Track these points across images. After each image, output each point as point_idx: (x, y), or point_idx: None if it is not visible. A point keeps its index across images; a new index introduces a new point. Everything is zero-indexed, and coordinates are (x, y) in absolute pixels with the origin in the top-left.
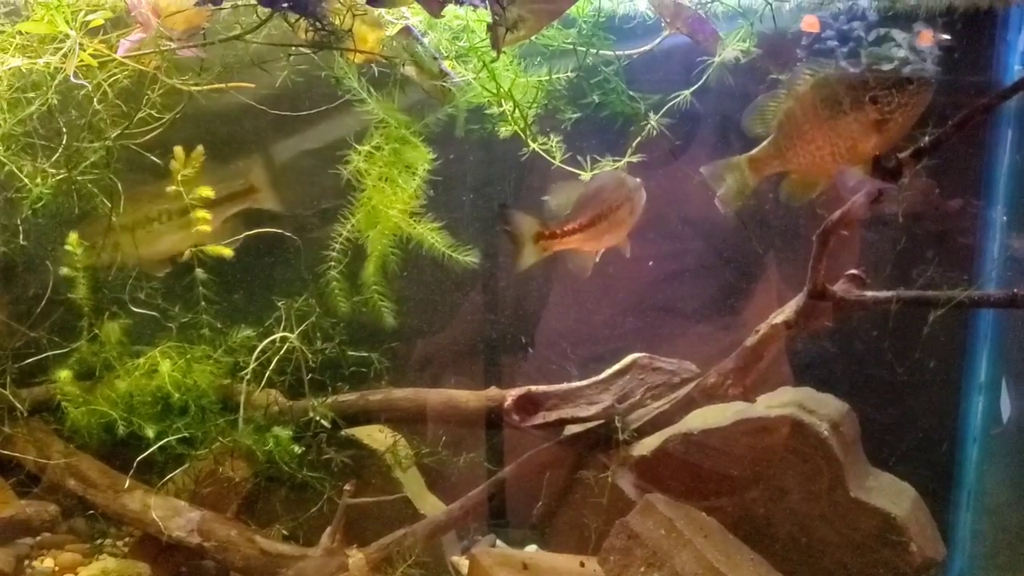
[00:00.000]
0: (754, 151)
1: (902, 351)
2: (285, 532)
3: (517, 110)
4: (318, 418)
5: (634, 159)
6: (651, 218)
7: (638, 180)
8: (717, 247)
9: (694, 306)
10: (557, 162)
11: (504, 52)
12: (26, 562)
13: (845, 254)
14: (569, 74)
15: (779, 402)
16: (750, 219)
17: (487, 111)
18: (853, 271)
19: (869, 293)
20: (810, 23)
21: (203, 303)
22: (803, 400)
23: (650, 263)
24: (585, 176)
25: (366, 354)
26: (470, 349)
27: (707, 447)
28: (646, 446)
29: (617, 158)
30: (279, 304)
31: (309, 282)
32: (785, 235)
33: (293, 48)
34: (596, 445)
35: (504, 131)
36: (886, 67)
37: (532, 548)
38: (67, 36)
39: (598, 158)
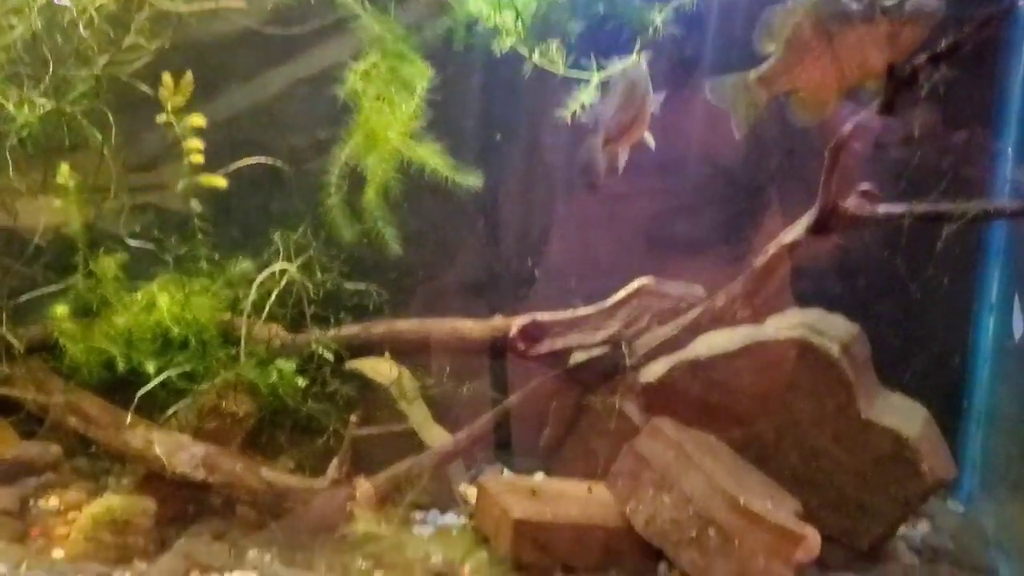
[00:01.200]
0: (762, 67)
1: (913, 270)
2: (291, 465)
3: (518, 19)
4: (321, 350)
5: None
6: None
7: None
8: (724, 175)
9: (700, 236)
10: (562, 71)
11: None
12: (31, 502)
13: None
14: None
15: (788, 324)
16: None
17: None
18: (865, 186)
19: (881, 208)
20: None
21: (200, 235)
22: (813, 322)
23: (654, 193)
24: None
25: (366, 287)
26: (473, 281)
27: (715, 372)
28: (653, 373)
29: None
30: (276, 237)
31: (306, 214)
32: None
33: None
34: (603, 372)
35: (504, 44)
36: None
37: (539, 476)
38: None
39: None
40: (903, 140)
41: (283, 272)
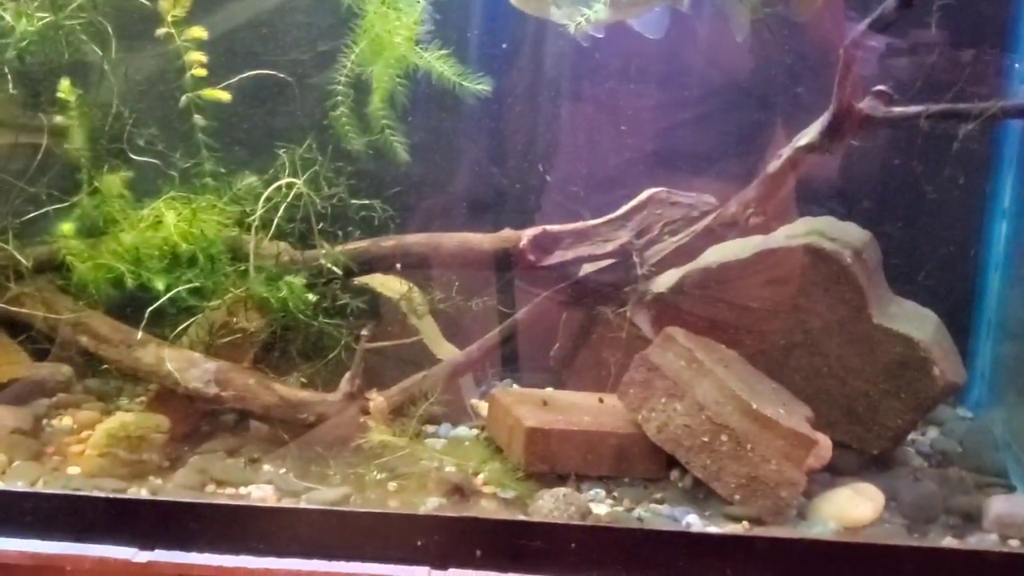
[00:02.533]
0: None
1: (924, 176)
2: (303, 380)
3: None
4: (329, 265)
5: None
6: (664, 60)
7: None
8: (733, 87)
9: (709, 149)
10: None
11: None
12: (44, 421)
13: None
14: None
15: (800, 231)
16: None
17: None
18: (880, 87)
19: (897, 109)
20: None
21: (204, 151)
22: (824, 228)
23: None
24: None
25: (370, 201)
26: (480, 195)
27: (726, 281)
28: (663, 283)
29: None
30: (282, 152)
31: (311, 129)
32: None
33: None
34: (614, 283)
35: None
36: None
37: (549, 391)
38: None
39: None
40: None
41: (290, 186)
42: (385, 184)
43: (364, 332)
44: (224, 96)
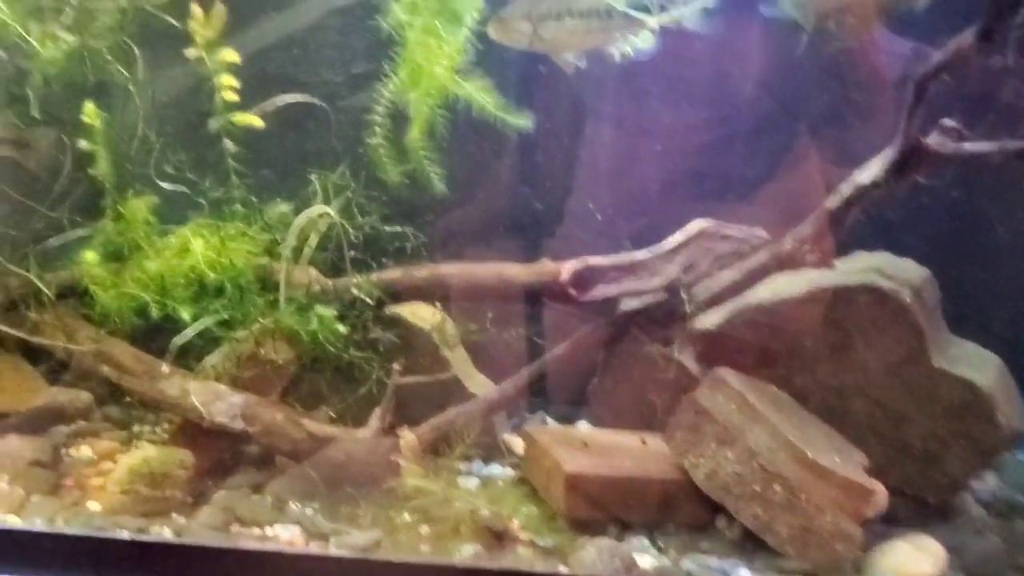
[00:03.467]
0: None
1: (989, 213)
2: (332, 414)
3: None
4: (362, 295)
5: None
6: (706, 81)
7: None
8: (773, 110)
9: (749, 173)
10: (620, 6)
11: None
12: (63, 450)
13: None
14: None
15: (856, 268)
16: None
17: None
18: (947, 121)
19: (968, 145)
20: None
21: (234, 177)
22: (882, 265)
23: (701, 130)
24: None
25: (404, 229)
26: (514, 221)
27: (778, 318)
28: (711, 319)
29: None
30: (313, 177)
31: (344, 153)
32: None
33: None
34: (659, 319)
35: None
36: None
37: (583, 424)
38: None
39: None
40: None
41: (322, 215)
42: (419, 209)
43: (395, 367)
44: (256, 121)
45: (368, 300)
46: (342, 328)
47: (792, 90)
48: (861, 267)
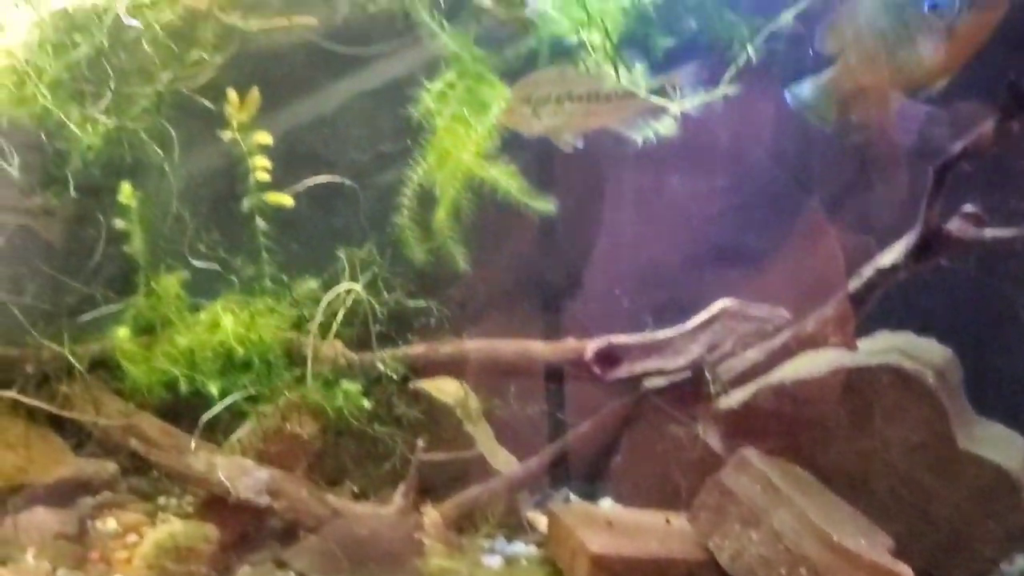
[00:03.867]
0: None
1: (1007, 296)
2: (356, 489)
3: (607, 40)
4: (388, 371)
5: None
6: (724, 153)
7: None
8: (794, 183)
9: (769, 245)
10: (643, 94)
11: None
12: (88, 523)
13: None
14: None
15: (879, 348)
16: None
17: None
18: (969, 208)
19: (988, 231)
20: None
21: (265, 254)
22: (904, 346)
23: (722, 201)
24: (674, 108)
25: (428, 303)
26: (537, 296)
27: (801, 398)
28: (734, 398)
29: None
30: (341, 254)
31: (370, 230)
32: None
33: None
34: (682, 398)
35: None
36: None
37: (607, 502)
38: None
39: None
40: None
41: (349, 291)
42: (443, 284)
43: (419, 443)
44: (287, 201)
45: (393, 375)
46: (367, 403)
47: (814, 168)
48: (883, 347)
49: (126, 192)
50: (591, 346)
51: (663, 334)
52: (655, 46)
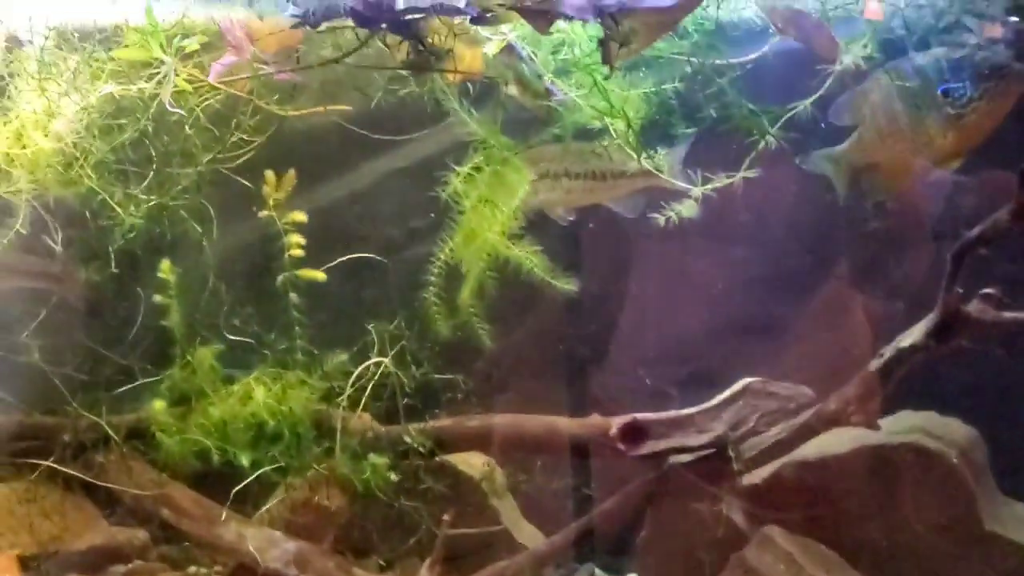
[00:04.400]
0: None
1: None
2: (382, 562)
3: (629, 128)
4: (415, 445)
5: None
6: (750, 228)
7: None
8: (821, 259)
9: (793, 321)
10: (664, 177)
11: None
12: None
13: None
14: (677, 85)
15: (901, 427)
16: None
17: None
18: (988, 290)
19: (1008, 314)
20: (873, 10)
21: (297, 328)
22: (927, 425)
23: (746, 277)
24: (696, 192)
25: (455, 377)
26: (561, 370)
27: (824, 475)
28: (758, 474)
29: (731, 173)
30: (371, 327)
31: (399, 304)
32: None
33: (391, 70)
34: (705, 474)
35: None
36: (958, 55)
37: None
38: (160, 61)
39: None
40: None
41: (378, 364)
42: (470, 359)
43: (445, 517)
44: (320, 276)
45: (420, 449)
46: (394, 476)
47: (837, 245)
48: (906, 427)
49: (165, 268)
50: (616, 422)
51: (687, 411)
52: (676, 132)
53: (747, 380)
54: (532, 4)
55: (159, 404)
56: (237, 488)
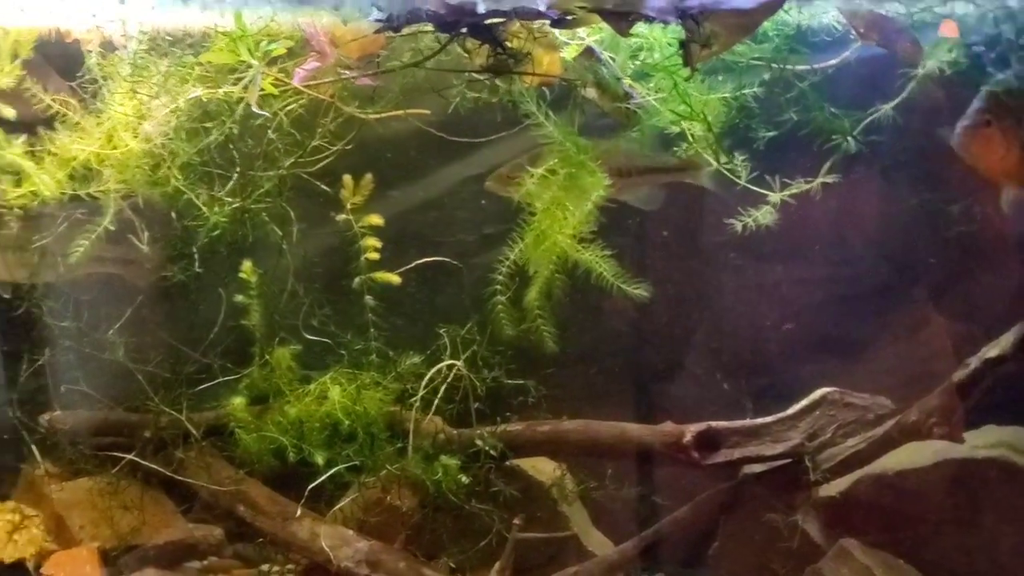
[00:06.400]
0: None
1: None
2: (452, 564)
3: (709, 131)
4: (487, 448)
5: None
6: (829, 238)
7: None
8: (899, 270)
9: (873, 334)
10: (742, 182)
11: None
12: None
13: None
14: (756, 90)
15: (986, 442)
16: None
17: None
18: None
19: None
20: (948, 27)
21: (372, 330)
22: (1013, 440)
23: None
24: (774, 198)
25: (526, 382)
26: (633, 377)
27: (904, 489)
28: (835, 486)
29: (809, 179)
30: (442, 331)
31: (471, 308)
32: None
33: (468, 73)
34: (780, 485)
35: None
36: None
37: None
38: (247, 65)
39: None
40: None
41: (450, 367)
42: (541, 364)
43: (516, 521)
44: (395, 279)
45: (492, 452)
46: (465, 479)
47: (913, 248)
48: (991, 441)
49: (247, 268)
50: (691, 430)
51: (763, 420)
52: (756, 137)
53: (824, 390)
54: (612, 7)
55: (239, 401)
56: (312, 485)
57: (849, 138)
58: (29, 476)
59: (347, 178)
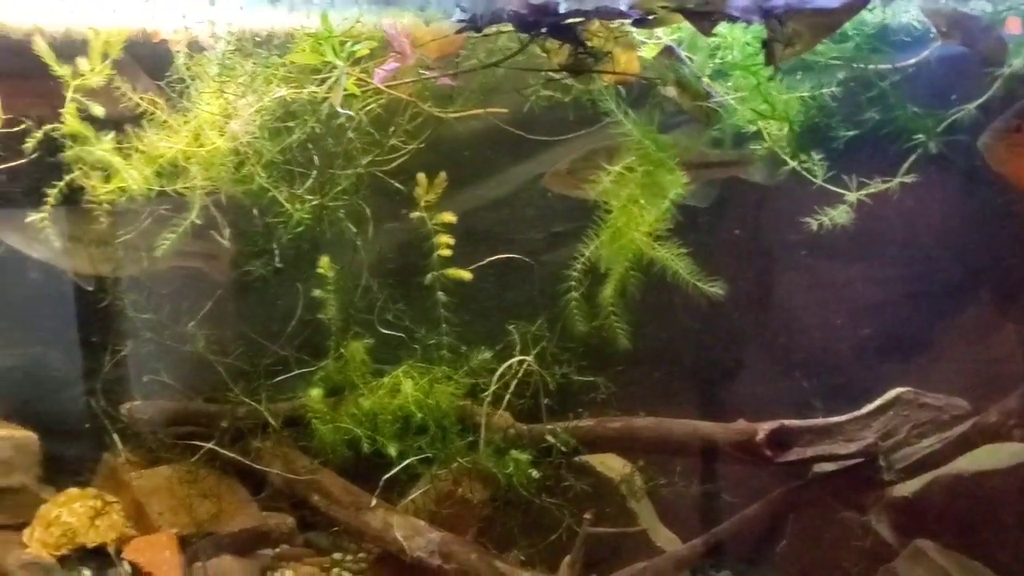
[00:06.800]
0: None
1: None
2: (522, 557)
3: (789, 130)
4: (558, 443)
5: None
6: (904, 238)
7: None
8: (974, 270)
9: (944, 334)
10: (819, 181)
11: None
12: (268, 574)
13: None
14: (834, 89)
15: None
16: None
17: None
18: None
19: None
20: (1014, 24)
21: (444, 325)
22: None
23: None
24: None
25: (595, 379)
26: (704, 375)
27: (980, 491)
28: (908, 487)
29: (887, 179)
30: (511, 327)
31: (541, 305)
32: None
33: (547, 72)
34: (851, 484)
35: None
36: None
37: None
38: (331, 66)
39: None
40: None
41: (521, 363)
42: (611, 361)
43: (587, 516)
44: (467, 276)
45: (563, 448)
46: (535, 473)
47: (992, 253)
48: None
49: (324, 264)
50: (764, 428)
51: (836, 419)
52: (835, 136)
53: (899, 390)
54: (695, 6)
55: (316, 392)
56: (386, 476)
57: (930, 138)
58: (110, 464)
59: (421, 176)
